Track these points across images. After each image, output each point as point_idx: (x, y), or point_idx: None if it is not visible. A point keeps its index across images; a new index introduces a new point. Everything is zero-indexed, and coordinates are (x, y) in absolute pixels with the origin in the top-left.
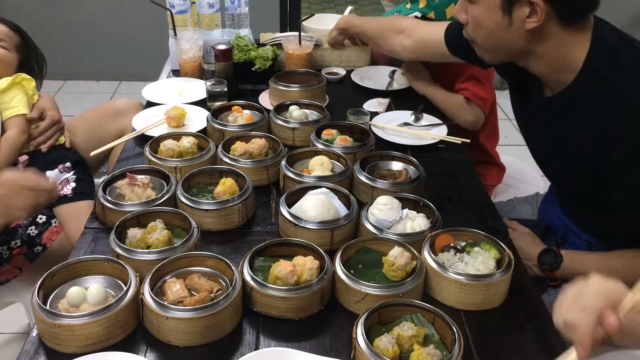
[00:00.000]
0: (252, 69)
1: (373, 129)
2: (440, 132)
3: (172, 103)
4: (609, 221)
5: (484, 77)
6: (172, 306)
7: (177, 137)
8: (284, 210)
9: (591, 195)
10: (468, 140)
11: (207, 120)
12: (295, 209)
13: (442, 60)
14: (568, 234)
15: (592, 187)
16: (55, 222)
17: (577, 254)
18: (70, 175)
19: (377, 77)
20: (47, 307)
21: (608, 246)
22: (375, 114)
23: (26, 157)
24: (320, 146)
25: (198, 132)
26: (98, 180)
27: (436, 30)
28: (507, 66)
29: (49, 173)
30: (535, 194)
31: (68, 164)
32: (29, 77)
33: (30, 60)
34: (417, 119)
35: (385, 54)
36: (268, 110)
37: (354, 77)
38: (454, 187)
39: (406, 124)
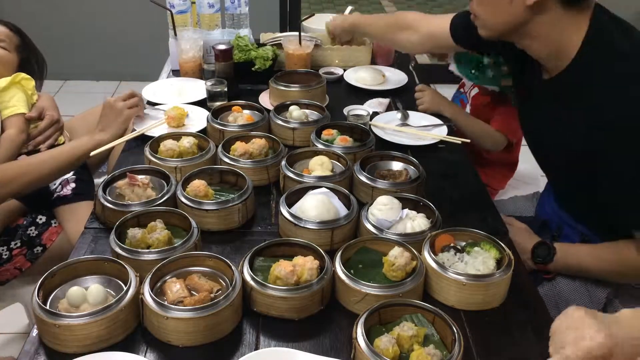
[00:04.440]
0: (252, 69)
1: (373, 129)
2: (440, 132)
3: (172, 103)
4: (602, 211)
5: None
6: (172, 306)
7: (177, 137)
8: (284, 210)
9: (583, 184)
10: (468, 140)
11: (207, 120)
12: (295, 209)
13: (448, 52)
14: (563, 227)
15: (583, 175)
16: (55, 223)
17: (570, 247)
18: (70, 175)
19: (371, 76)
20: (47, 307)
21: (602, 237)
22: (376, 114)
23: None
24: (320, 146)
25: (198, 132)
26: (98, 180)
27: (442, 23)
28: (511, 50)
29: None
30: (534, 192)
31: None
32: (28, 76)
33: (30, 62)
34: (404, 117)
35: (390, 49)
36: (268, 110)
37: (347, 76)
38: (454, 187)
39: (406, 124)
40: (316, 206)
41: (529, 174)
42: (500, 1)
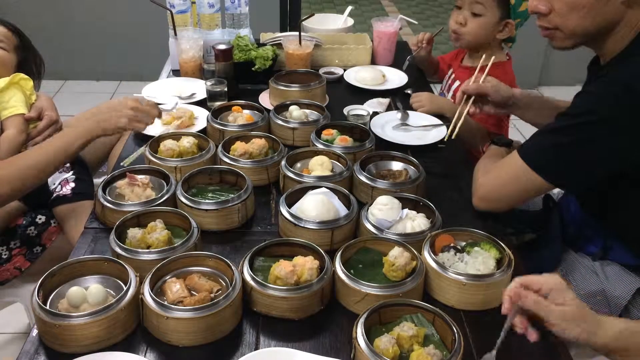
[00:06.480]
0: (252, 69)
1: (373, 129)
2: (440, 132)
3: (172, 103)
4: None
5: None
6: (172, 306)
7: (177, 137)
8: (284, 210)
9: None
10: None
11: (207, 120)
12: (295, 209)
13: None
14: (583, 228)
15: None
16: (54, 223)
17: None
18: (69, 175)
19: (371, 76)
20: (47, 307)
21: (626, 242)
22: (375, 113)
23: None
24: (320, 146)
25: (198, 132)
26: (98, 180)
27: None
28: None
29: None
30: None
31: (67, 164)
32: (26, 76)
33: (28, 62)
34: (404, 117)
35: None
36: (268, 110)
37: (347, 76)
38: (454, 187)
39: (406, 124)
40: (316, 206)
41: None
42: (595, 5)
